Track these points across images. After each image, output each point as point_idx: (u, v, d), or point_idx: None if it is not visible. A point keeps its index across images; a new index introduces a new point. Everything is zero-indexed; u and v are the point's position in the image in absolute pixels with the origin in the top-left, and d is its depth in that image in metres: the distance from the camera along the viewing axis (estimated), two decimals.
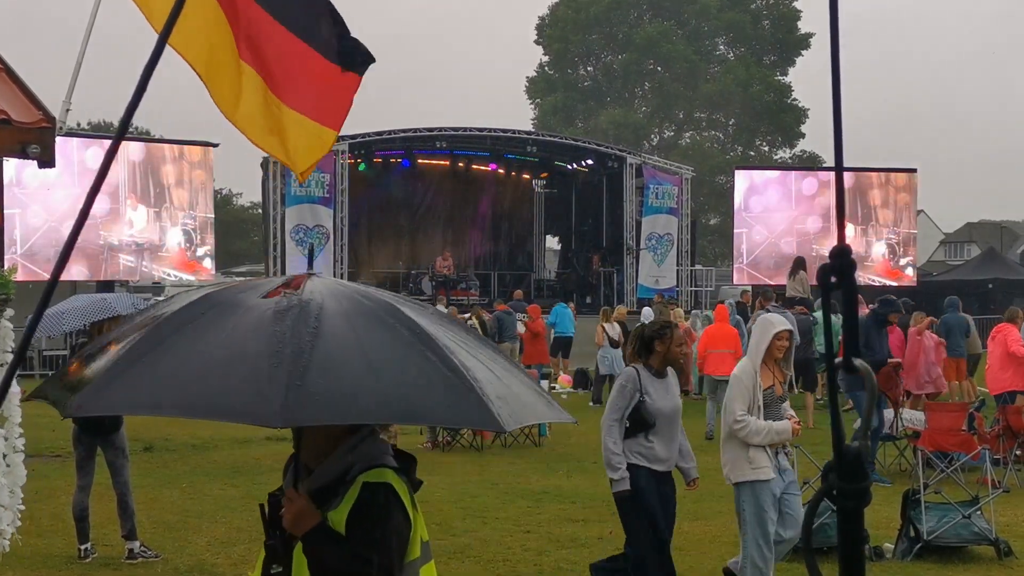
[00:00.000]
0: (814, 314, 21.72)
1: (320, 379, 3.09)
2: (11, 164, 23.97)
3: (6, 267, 7.94)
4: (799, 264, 26.51)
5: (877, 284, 33.80)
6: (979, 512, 10.08)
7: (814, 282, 18.11)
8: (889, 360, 15.03)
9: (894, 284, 34.35)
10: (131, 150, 29.70)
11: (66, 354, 18.65)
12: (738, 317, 23.01)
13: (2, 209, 9.33)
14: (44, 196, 27.90)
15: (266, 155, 31.21)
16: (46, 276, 26.88)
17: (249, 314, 3.34)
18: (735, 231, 36.09)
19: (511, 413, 3.29)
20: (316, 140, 6.96)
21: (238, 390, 3.10)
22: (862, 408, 14.93)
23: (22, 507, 8.10)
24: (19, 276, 8.02)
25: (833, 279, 1.54)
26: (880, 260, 35.90)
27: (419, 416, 3.91)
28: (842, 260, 1.52)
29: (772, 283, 31.24)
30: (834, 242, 1.49)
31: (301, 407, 3.03)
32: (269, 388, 3.02)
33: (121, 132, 1.86)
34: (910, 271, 36.86)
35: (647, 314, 22.97)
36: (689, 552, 10.16)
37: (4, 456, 7.89)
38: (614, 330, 22.87)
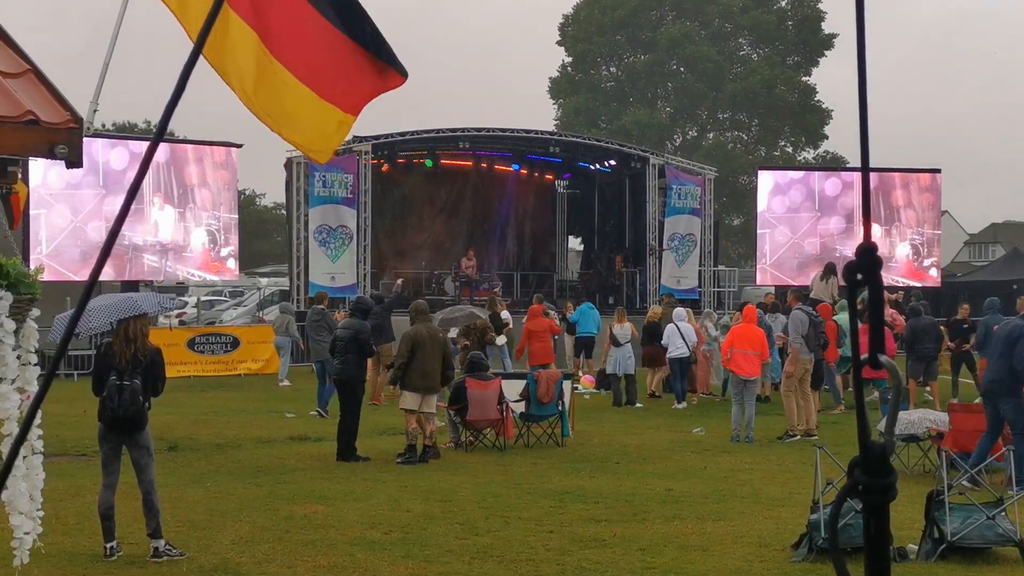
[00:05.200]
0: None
1: None
2: (37, 165, 24.17)
3: (32, 267, 7.98)
4: (830, 270, 26.47)
5: (901, 285, 33.63)
6: (1003, 513, 10.04)
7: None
8: None
9: (918, 285, 34.20)
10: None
11: (91, 354, 18.71)
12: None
13: (29, 209, 9.45)
14: (69, 196, 28.09)
15: (290, 156, 31.40)
16: (71, 276, 27.05)
17: None
18: (758, 232, 36.04)
19: None
20: (332, 121, 6.95)
21: None
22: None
23: (41, 512, 8.04)
24: (44, 276, 8.05)
25: (859, 276, 1.55)
26: (904, 261, 35.78)
27: None
28: (868, 258, 1.53)
29: (795, 284, 31.17)
30: (857, 242, 1.51)
31: None
32: None
33: (158, 137, 1.88)
34: (934, 272, 36.74)
35: (680, 314, 22.89)
36: (712, 552, 10.16)
37: (24, 458, 7.78)
38: (621, 330, 22.80)
